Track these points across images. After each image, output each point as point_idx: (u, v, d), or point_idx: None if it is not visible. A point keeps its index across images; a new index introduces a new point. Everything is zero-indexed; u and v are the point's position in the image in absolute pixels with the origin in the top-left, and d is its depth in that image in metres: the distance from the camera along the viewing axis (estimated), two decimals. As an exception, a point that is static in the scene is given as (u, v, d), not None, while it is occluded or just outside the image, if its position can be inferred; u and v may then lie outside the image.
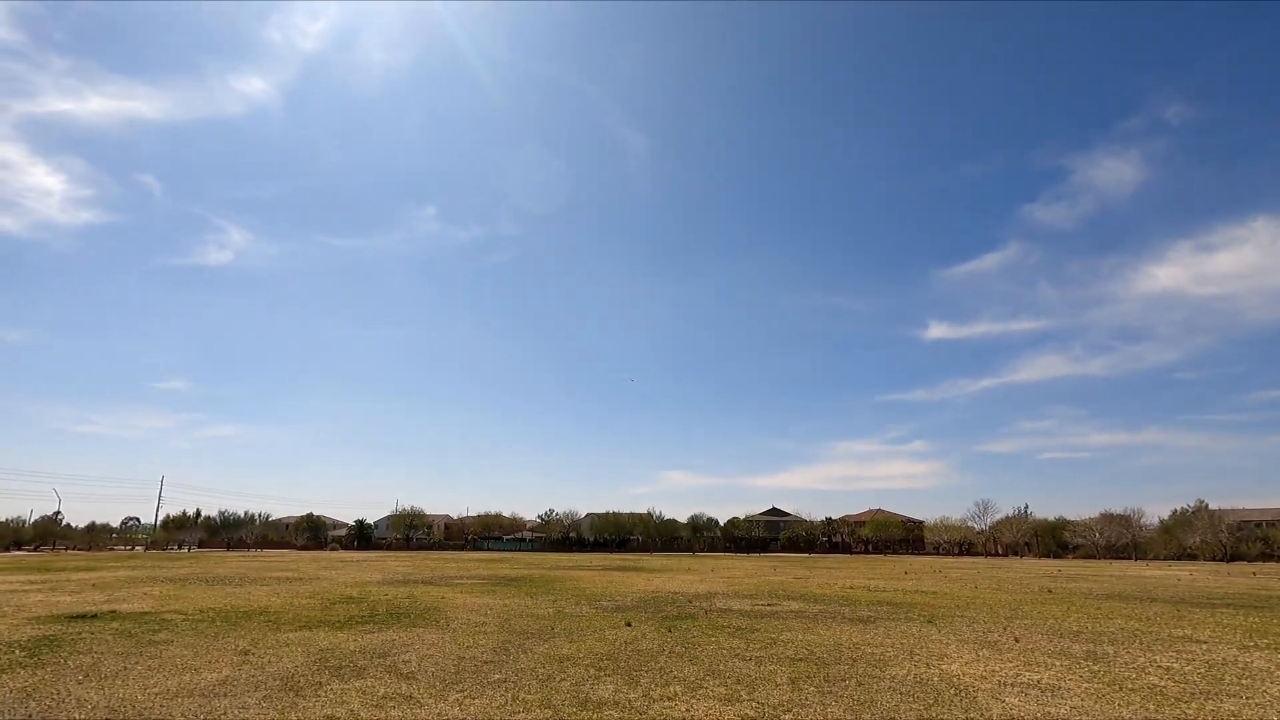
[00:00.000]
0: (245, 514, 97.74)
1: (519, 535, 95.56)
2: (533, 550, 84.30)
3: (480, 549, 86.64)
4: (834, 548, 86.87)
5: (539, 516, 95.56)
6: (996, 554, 75.76)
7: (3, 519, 71.59)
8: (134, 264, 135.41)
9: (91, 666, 7.47)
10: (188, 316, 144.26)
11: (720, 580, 24.55)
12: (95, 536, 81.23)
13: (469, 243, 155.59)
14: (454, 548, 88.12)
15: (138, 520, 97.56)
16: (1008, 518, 77.71)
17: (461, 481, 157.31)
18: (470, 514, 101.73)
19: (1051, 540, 74.26)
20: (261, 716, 5.52)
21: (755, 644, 9.57)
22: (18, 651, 8.36)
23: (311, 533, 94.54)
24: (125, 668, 7.44)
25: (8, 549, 63.72)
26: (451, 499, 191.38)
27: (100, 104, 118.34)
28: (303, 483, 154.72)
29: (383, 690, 6.49)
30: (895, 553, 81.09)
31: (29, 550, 64.26)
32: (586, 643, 9.56)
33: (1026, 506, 78.40)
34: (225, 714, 5.59)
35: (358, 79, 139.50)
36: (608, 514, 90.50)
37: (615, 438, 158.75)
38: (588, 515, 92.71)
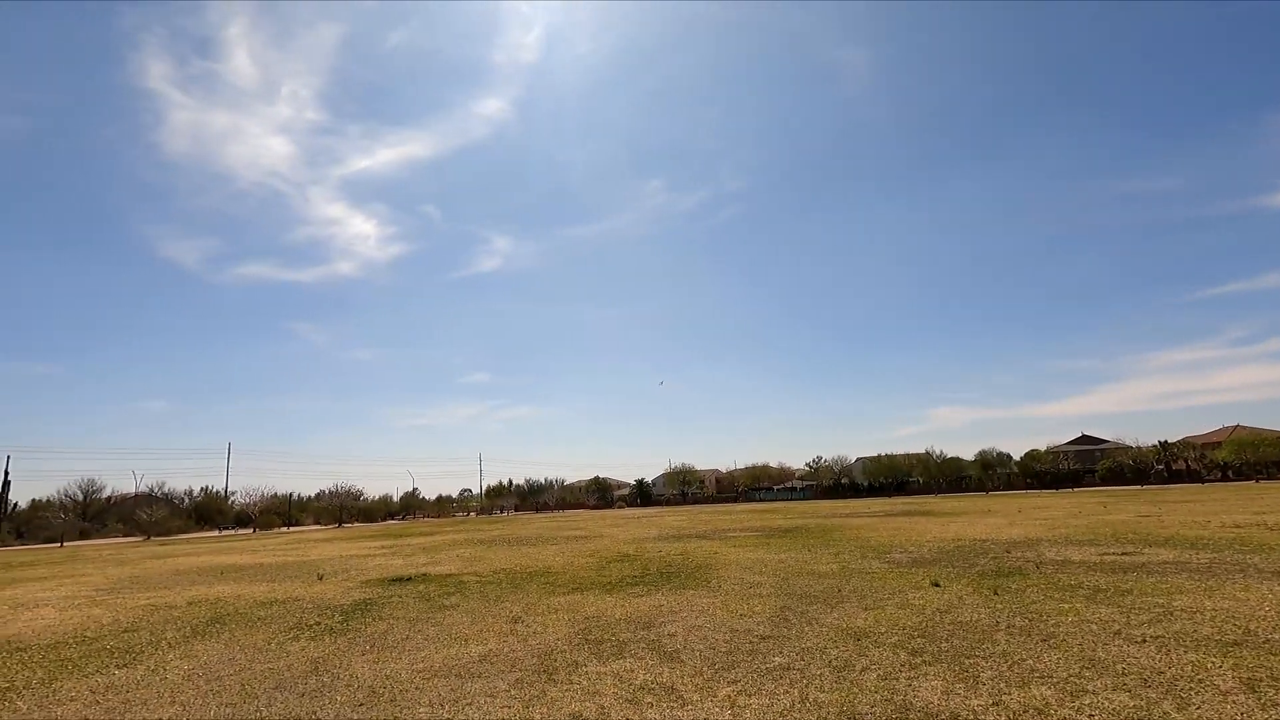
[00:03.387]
0: (545, 480, 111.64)
1: (788, 485, 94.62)
2: (804, 499, 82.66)
3: (751, 500, 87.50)
4: (1174, 476, 71.02)
5: (807, 464, 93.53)
6: None
7: (377, 496, 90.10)
8: (431, 282, 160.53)
9: (382, 635, 7.64)
10: (476, 319, 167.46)
11: (1036, 523, 20.45)
12: (441, 506, 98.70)
13: (696, 206, 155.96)
14: (725, 500, 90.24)
15: (470, 490, 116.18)
16: None
17: (727, 437, 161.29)
18: (739, 467, 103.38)
19: None
20: (505, 710, 4.72)
21: (1138, 615, 6.79)
22: (335, 616, 9.07)
23: (600, 494, 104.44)
24: (408, 637, 7.48)
25: (384, 519, 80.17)
26: (719, 454, 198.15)
27: (387, 154, 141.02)
28: (588, 449, 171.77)
29: (642, 677, 5.40)
30: (1270, 477, 63.51)
31: (397, 520, 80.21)
32: (887, 610, 7.67)
33: None
34: (471, 703, 4.92)
35: (573, 75, 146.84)
36: (880, 456, 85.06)
37: (878, 378, 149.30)
38: (858, 459, 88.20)
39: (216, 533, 58.89)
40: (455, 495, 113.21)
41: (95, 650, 7.44)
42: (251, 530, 59.47)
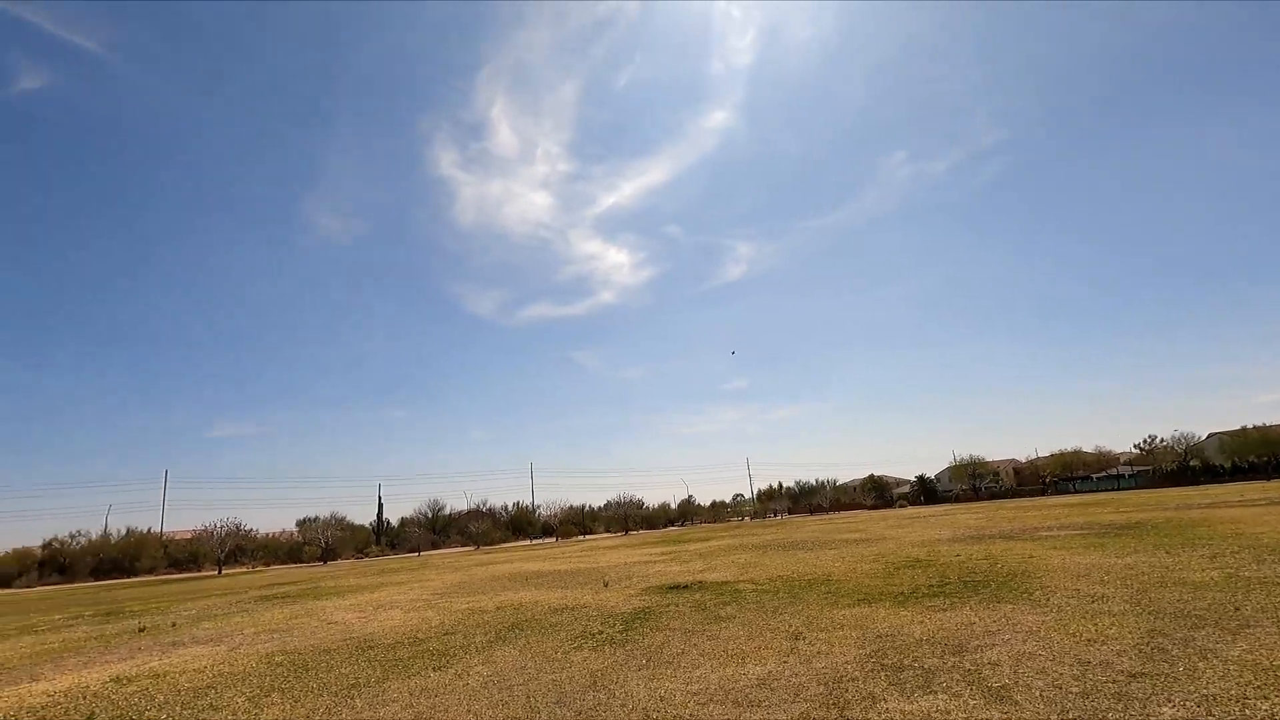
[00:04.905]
0: (816, 481, 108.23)
1: (1110, 472, 79.23)
2: (1134, 488, 68.29)
3: (1063, 492, 74.90)
4: None
5: (1136, 446, 77.41)
6: None
7: (657, 504, 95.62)
8: (682, 297, 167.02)
9: (658, 649, 7.40)
10: (729, 326, 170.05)
11: None
12: (716, 511, 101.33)
13: (948, 171, 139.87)
14: (1028, 494, 78.59)
15: (742, 495, 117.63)
16: None
17: (1022, 422, 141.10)
18: (1041, 455, 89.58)
19: None
20: (791, 755, 3.97)
21: None
22: (616, 626, 9.16)
23: (877, 492, 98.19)
24: (683, 651, 7.12)
25: (664, 526, 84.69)
26: (1014, 442, 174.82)
27: (629, 187, 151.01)
28: (859, 446, 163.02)
29: (963, 722, 4.24)
30: None
31: (676, 526, 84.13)
32: (1334, 642, 5.31)
33: None
34: (751, 741, 4.26)
35: (795, 64, 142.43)
36: (1246, 429, 66.82)
37: (1224, 331, 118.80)
38: (1211, 435, 70.49)
39: (527, 542, 67.43)
40: (728, 500, 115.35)
41: (420, 652, 8.36)
42: (554, 539, 66.93)
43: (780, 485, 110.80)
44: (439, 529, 74.48)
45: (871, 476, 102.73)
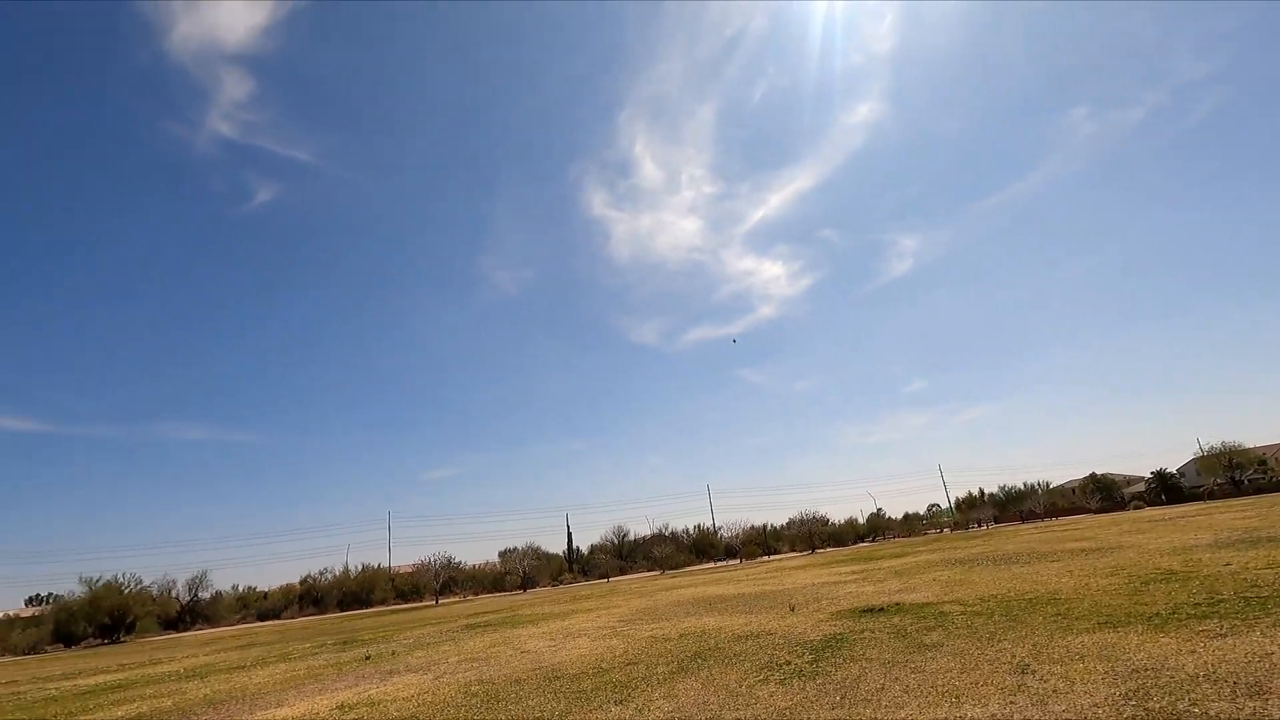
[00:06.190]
0: (1025, 485, 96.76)
1: None
2: None
3: (1368, 479, 60.16)
4: None
5: None
6: None
7: (843, 519, 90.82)
8: (846, 301, 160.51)
9: (853, 683, 6.61)
10: (901, 325, 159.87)
11: None
12: (910, 524, 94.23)
13: (1146, 118, 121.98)
14: (1317, 483, 64.06)
15: (938, 505, 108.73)
16: None
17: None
18: (1323, 434, 72.87)
19: None
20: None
21: None
22: (805, 655, 8.43)
23: (1103, 493, 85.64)
24: (883, 687, 6.28)
25: (853, 543, 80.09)
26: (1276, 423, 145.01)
27: (776, 199, 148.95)
28: (1072, 443, 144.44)
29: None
30: None
31: (866, 542, 79.23)
32: None
33: None
34: (978, 808, 3.48)
35: (942, 38, 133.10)
36: None
37: None
38: None
39: (710, 564, 66.92)
40: (923, 511, 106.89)
41: (603, 683, 8.23)
42: (738, 560, 65.80)
43: (981, 492, 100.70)
44: (625, 554, 76.41)
45: (1093, 475, 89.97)
